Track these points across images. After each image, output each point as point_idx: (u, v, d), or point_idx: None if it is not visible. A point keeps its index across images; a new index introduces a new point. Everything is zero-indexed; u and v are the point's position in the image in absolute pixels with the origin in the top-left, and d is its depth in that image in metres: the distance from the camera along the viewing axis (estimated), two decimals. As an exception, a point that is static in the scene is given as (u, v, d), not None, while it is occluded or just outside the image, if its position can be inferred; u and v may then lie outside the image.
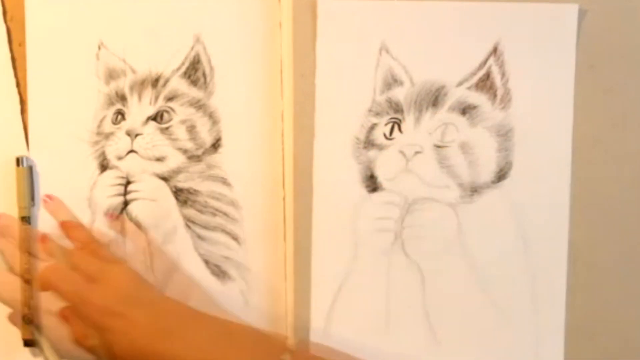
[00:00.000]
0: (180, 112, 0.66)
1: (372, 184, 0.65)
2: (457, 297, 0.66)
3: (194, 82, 0.66)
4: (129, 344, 0.57)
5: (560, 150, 0.66)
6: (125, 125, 0.66)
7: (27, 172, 0.65)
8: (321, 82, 0.65)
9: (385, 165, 0.65)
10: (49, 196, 0.64)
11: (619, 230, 0.67)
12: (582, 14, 0.65)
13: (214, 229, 0.66)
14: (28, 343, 0.65)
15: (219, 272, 0.66)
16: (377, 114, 0.65)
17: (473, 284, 0.66)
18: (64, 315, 0.60)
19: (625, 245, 0.67)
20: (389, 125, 0.65)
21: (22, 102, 0.65)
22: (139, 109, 0.66)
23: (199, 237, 0.66)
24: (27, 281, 0.65)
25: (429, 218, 0.66)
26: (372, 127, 0.65)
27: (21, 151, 0.65)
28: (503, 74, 0.65)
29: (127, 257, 0.66)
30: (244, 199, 0.66)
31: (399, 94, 0.65)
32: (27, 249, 0.64)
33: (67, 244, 0.64)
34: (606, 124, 0.67)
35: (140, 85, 0.66)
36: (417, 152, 0.65)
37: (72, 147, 0.66)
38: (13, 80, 0.65)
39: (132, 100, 0.66)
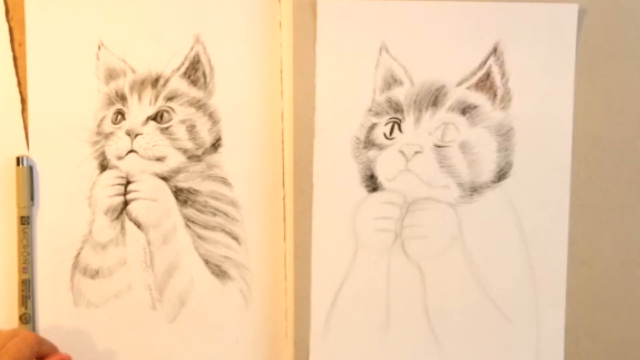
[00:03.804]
0: (180, 112, 0.66)
1: (372, 183, 0.65)
2: (457, 297, 0.66)
3: (194, 82, 0.66)
4: None
5: (560, 150, 0.66)
6: (125, 125, 0.66)
7: (27, 171, 0.65)
8: (321, 82, 0.65)
9: (385, 165, 0.65)
10: None
11: (619, 230, 0.67)
12: (582, 14, 0.65)
13: (213, 228, 0.66)
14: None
15: (219, 272, 0.66)
16: (377, 114, 0.65)
17: (473, 284, 0.66)
18: None
19: (625, 245, 0.67)
20: (389, 125, 0.65)
21: (23, 101, 0.65)
22: (138, 108, 0.66)
23: (199, 236, 0.66)
24: (25, 281, 0.65)
25: (429, 218, 0.66)
26: (372, 126, 0.65)
27: (21, 151, 0.65)
28: (503, 74, 0.65)
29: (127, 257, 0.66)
30: (244, 199, 0.66)
31: (399, 93, 0.65)
32: (26, 249, 0.65)
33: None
34: (606, 124, 0.67)
35: (140, 85, 0.66)
36: (417, 152, 0.65)
37: (72, 147, 0.66)
38: (14, 80, 0.65)
39: (132, 100, 0.66)
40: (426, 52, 0.65)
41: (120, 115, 0.66)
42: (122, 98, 0.66)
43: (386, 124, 0.65)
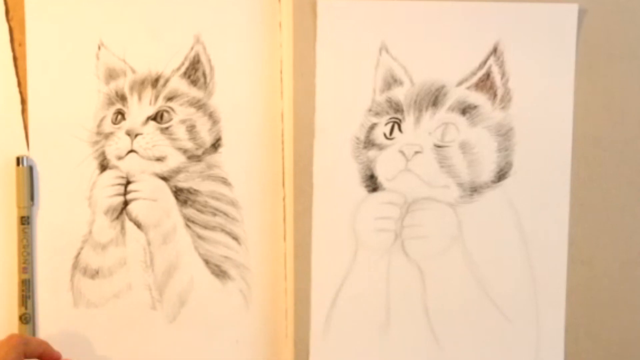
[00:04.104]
0: (180, 112, 0.66)
1: (372, 183, 0.65)
2: (457, 297, 0.66)
3: (194, 82, 0.66)
4: None
5: (560, 150, 0.66)
6: (125, 125, 0.66)
7: (27, 172, 0.65)
8: (321, 82, 0.65)
9: (385, 165, 0.65)
10: None
11: (619, 230, 0.67)
12: (582, 14, 0.65)
13: (213, 228, 0.66)
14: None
15: (219, 272, 0.66)
16: (377, 114, 0.65)
17: (473, 284, 0.66)
18: None
19: (625, 245, 0.67)
20: (389, 125, 0.65)
21: (23, 101, 0.65)
22: (138, 108, 0.66)
23: (199, 236, 0.66)
24: (25, 281, 0.65)
25: (429, 218, 0.66)
26: (372, 126, 0.65)
27: (21, 151, 0.65)
28: (503, 74, 0.65)
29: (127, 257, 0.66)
30: (244, 199, 0.66)
31: (399, 93, 0.65)
32: (26, 249, 0.65)
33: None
34: (606, 124, 0.67)
35: (140, 85, 0.66)
36: (417, 152, 0.65)
37: (72, 147, 0.66)
38: (14, 80, 0.65)
39: (132, 100, 0.66)
40: (426, 52, 0.65)
41: (120, 115, 0.66)
42: (122, 98, 0.66)
43: (386, 124, 0.65)
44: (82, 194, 0.66)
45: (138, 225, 0.66)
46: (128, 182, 0.66)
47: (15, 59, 0.65)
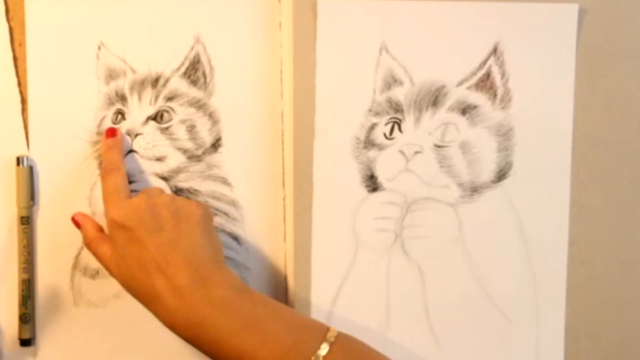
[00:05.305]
0: (180, 112, 0.66)
1: (372, 183, 0.65)
2: (457, 297, 0.66)
3: (194, 82, 0.66)
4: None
5: (560, 150, 0.66)
6: (125, 125, 0.66)
7: (27, 171, 0.65)
8: (321, 82, 0.65)
9: (385, 165, 0.65)
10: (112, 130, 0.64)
11: (619, 230, 0.67)
12: (582, 14, 0.65)
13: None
14: (25, 343, 0.65)
15: (219, 272, 0.66)
16: (377, 114, 0.65)
17: (473, 283, 0.66)
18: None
19: (625, 245, 0.67)
20: (389, 125, 0.65)
21: (23, 101, 0.65)
22: (138, 108, 0.66)
23: (199, 236, 0.66)
24: (25, 281, 0.65)
25: (429, 218, 0.66)
26: (372, 126, 0.65)
27: (21, 151, 0.65)
28: (503, 74, 0.65)
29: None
30: (244, 199, 0.66)
31: (399, 93, 0.65)
32: (27, 249, 0.65)
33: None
34: (606, 124, 0.67)
35: (140, 85, 0.66)
36: (417, 152, 0.65)
37: (72, 147, 0.66)
38: (14, 80, 0.65)
39: (132, 100, 0.66)
40: (426, 52, 0.65)
41: (120, 115, 0.66)
42: (122, 98, 0.66)
43: (386, 124, 0.65)
44: (82, 194, 0.66)
45: (138, 225, 0.66)
46: (129, 182, 0.66)
47: (15, 59, 0.65)
